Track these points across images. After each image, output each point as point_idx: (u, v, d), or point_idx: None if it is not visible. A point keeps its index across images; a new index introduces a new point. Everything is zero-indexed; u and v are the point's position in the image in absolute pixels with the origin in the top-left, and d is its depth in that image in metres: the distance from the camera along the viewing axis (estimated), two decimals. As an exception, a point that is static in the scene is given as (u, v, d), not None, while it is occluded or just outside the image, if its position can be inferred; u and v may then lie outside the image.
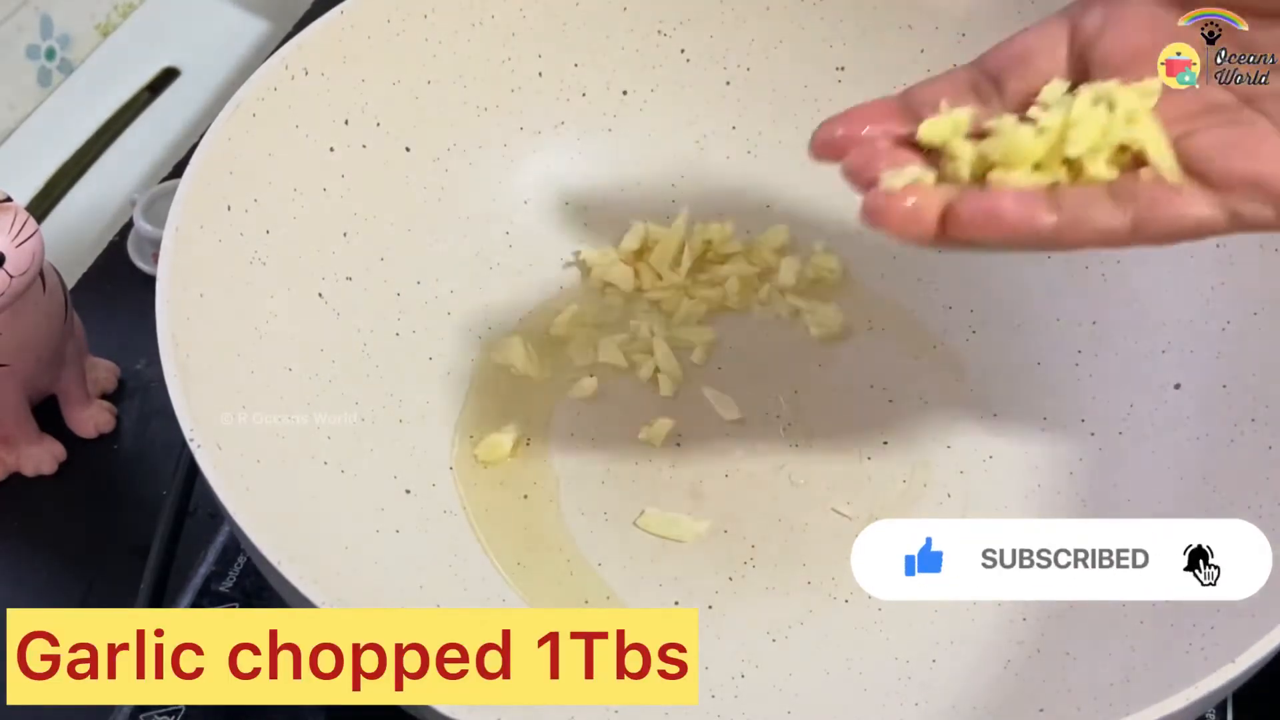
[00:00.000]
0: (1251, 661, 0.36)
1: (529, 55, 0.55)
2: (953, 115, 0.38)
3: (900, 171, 0.37)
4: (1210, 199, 0.36)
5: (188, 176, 0.45)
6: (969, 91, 0.40)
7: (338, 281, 0.50)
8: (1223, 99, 0.37)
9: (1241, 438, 0.47)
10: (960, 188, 0.37)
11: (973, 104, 0.39)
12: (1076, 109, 0.36)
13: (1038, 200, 0.36)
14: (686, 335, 0.54)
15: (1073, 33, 0.39)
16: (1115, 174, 0.36)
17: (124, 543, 0.55)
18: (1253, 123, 0.36)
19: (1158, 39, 0.38)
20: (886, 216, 0.36)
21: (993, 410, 0.52)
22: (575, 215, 0.56)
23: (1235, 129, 0.36)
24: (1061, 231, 0.36)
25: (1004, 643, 0.45)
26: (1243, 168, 0.35)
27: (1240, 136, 0.36)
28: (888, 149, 0.38)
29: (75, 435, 0.58)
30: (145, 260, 0.64)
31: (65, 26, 0.73)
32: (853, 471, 0.50)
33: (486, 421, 0.51)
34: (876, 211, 0.36)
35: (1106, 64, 0.38)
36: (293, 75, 0.49)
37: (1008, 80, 0.39)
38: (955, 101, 0.39)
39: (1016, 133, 0.37)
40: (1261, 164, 0.35)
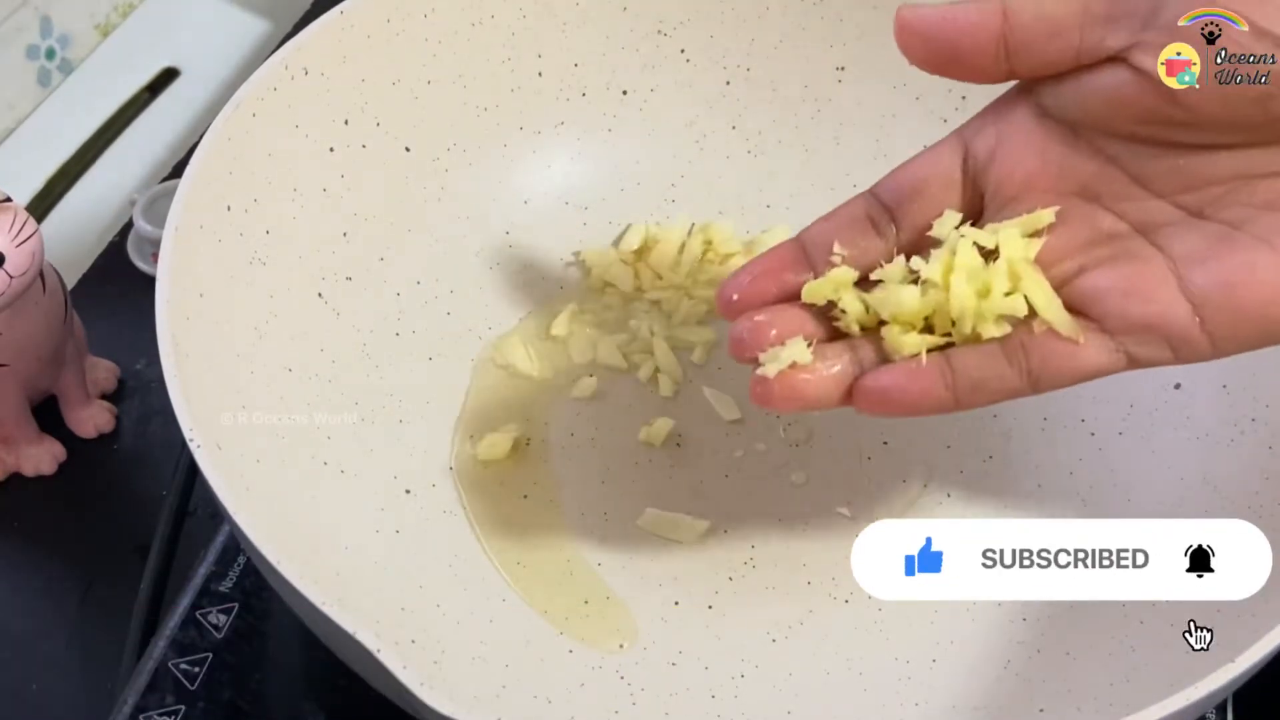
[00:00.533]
0: (1251, 661, 0.36)
1: (529, 55, 0.55)
2: (834, 276, 0.38)
3: (778, 353, 0.37)
4: (1105, 344, 0.36)
5: (187, 176, 0.45)
6: (865, 225, 0.39)
7: (338, 281, 0.51)
8: (1115, 227, 0.37)
9: (1241, 438, 0.47)
10: (853, 342, 0.38)
11: (868, 240, 0.39)
12: (959, 261, 0.37)
13: (931, 373, 0.37)
14: (686, 335, 0.54)
15: (965, 159, 0.39)
16: (1006, 329, 0.36)
17: (124, 543, 0.55)
18: (1147, 259, 0.36)
19: (1048, 164, 0.38)
20: (769, 400, 0.38)
21: (993, 410, 0.52)
22: (575, 215, 0.56)
23: (1129, 266, 0.36)
24: (960, 399, 0.37)
25: (1004, 643, 0.45)
26: (1139, 313, 0.35)
27: (1135, 278, 0.35)
28: (777, 314, 0.39)
29: (75, 435, 0.58)
30: (145, 260, 0.64)
31: (65, 26, 0.73)
32: (853, 471, 0.50)
33: (486, 421, 0.51)
34: (759, 396, 0.38)
35: (999, 193, 0.38)
36: (293, 75, 0.49)
37: (902, 213, 0.39)
38: (849, 241, 0.39)
39: (901, 293, 0.37)
40: (1157, 307, 0.35)
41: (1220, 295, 0.34)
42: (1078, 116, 0.37)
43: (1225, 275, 0.34)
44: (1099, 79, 0.36)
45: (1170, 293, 0.35)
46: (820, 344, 0.38)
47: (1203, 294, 0.34)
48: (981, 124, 0.39)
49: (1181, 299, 0.35)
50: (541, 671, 0.45)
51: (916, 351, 0.37)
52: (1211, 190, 0.36)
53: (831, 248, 0.39)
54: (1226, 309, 0.34)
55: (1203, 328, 0.35)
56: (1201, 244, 0.35)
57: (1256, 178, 0.35)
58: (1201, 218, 0.36)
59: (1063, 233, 0.37)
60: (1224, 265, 0.34)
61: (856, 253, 0.39)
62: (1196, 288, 0.35)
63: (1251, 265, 0.34)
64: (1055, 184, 0.37)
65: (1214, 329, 0.35)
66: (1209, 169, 0.35)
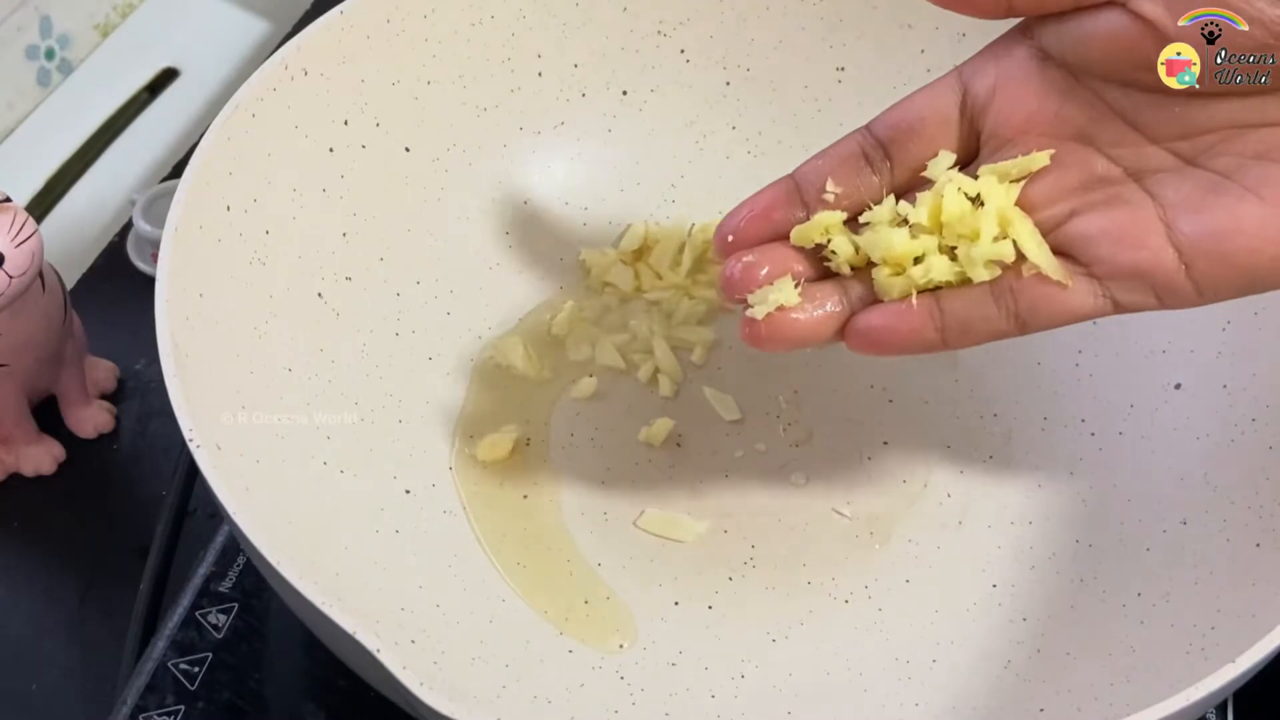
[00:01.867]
0: (1251, 662, 0.36)
1: (529, 55, 0.55)
2: (821, 219, 0.39)
3: (766, 294, 0.38)
4: (1093, 289, 0.36)
5: (187, 176, 0.45)
6: (859, 162, 0.40)
7: (338, 281, 0.50)
8: (1109, 172, 0.37)
9: (1241, 438, 0.47)
10: (844, 281, 0.39)
11: (862, 177, 0.40)
12: (946, 204, 0.37)
13: (920, 314, 0.38)
14: (686, 335, 0.54)
15: (964, 99, 0.39)
16: (996, 272, 0.37)
17: (124, 543, 0.55)
18: (1138, 205, 0.36)
19: (1045, 107, 0.38)
20: (757, 340, 0.39)
21: (993, 410, 0.52)
22: (575, 215, 0.56)
23: (1120, 212, 0.36)
24: (949, 339, 0.38)
25: (1004, 643, 0.45)
26: (1127, 259, 0.36)
27: (1125, 224, 0.36)
28: (767, 254, 0.40)
29: (75, 435, 0.58)
30: (145, 260, 0.64)
31: (65, 26, 0.73)
32: (852, 471, 0.50)
33: (486, 421, 0.51)
34: (748, 336, 0.39)
35: (996, 134, 0.38)
36: (292, 75, 0.49)
37: (897, 151, 0.40)
38: (842, 179, 0.40)
39: (890, 235, 0.38)
40: (1145, 254, 0.35)
41: (1207, 244, 0.35)
42: (1076, 60, 0.37)
43: (1213, 225, 0.35)
44: (1098, 21, 0.36)
45: (1158, 240, 0.35)
46: (809, 284, 0.39)
47: (1190, 243, 0.35)
48: (981, 64, 0.39)
49: (1169, 247, 0.35)
50: (541, 671, 0.45)
51: (906, 294, 0.38)
52: (1206, 138, 0.36)
53: (824, 186, 0.40)
54: (1212, 258, 0.35)
55: (1188, 275, 0.35)
56: (1192, 192, 0.35)
57: (1250, 127, 0.35)
58: (1194, 165, 0.36)
59: (1057, 175, 0.37)
60: (1212, 215, 0.35)
61: (849, 190, 0.40)
62: (1184, 236, 0.35)
63: (1239, 216, 0.35)
64: (1052, 127, 0.38)
65: (1199, 277, 0.35)
66: (1204, 117, 0.36)
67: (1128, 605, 0.44)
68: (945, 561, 0.48)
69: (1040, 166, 0.37)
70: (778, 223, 0.40)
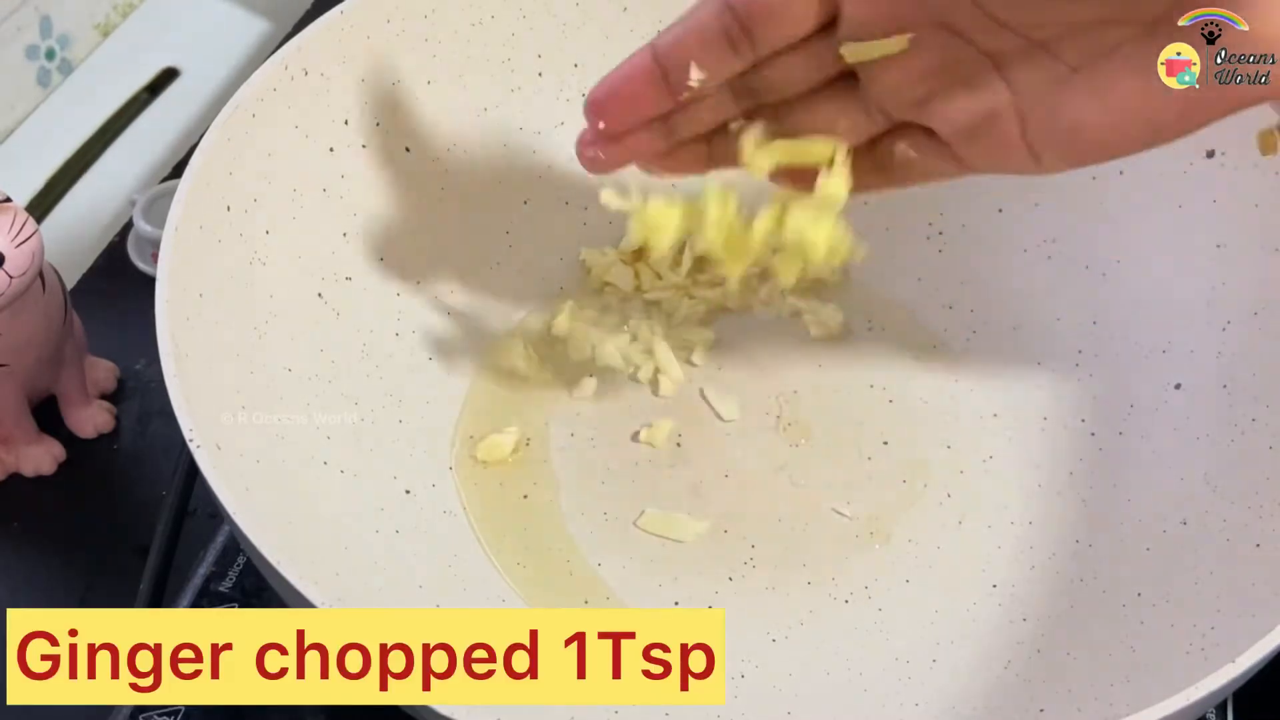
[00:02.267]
0: (1251, 661, 0.36)
1: (529, 55, 0.55)
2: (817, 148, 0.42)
3: (614, 194, 0.43)
4: (947, 166, 0.41)
5: (187, 177, 0.45)
6: (721, 43, 0.40)
7: (338, 281, 0.50)
8: (966, 55, 0.38)
9: (1241, 438, 0.47)
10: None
11: (725, 61, 0.40)
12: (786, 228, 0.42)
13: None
14: (686, 335, 0.54)
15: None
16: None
17: (124, 543, 0.55)
18: (995, 91, 0.38)
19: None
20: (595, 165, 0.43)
21: (993, 410, 0.52)
22: (575, 215, 0.56)
23: (975, 98, 0.38)
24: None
25: (1004, 643, 0.45)
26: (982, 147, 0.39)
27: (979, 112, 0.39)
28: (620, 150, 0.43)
29: (75, 435, 0.58)
30: (145, 260, 0.64)
31: (65, 26, 0.73)
32: (853, 471, 0.50)
33: (486, 421, 0.51)
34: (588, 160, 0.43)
35: (855, 15, 0.39)
36: (293, 75, 0.49)
37: (759, 31, 0.40)
38: (705, 62, 0.40)
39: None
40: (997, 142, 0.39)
41: (1055, 139, 0.38)
42: None
43: (1060, 124, 0.37)
44: None
45: (1012, 130, 0.38)
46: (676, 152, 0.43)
47: (1038, 137, 0.38)
48: None
49: (1020, 138, 0.38)
50: (541, 671, 0.44)
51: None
52: (1059, 30, 0.37)
53: (689, 68, 0.40)
54: (1057, 152, 0.38)
55: (1032, 155, 0.39)
56: (1041, 85, 0.37)
57: (1109, 24, 0.36)
58: (1048, 51, 0.37)
59: (916, 57, 0.38)
60: (1061, 114, 0.37)
61: (714, 75, 0.40)
62: (1033, 130, 0.38)
63: (1082, 118, 0.37)
64: (911, 10, 0.38)
65: (1045, 162, 0.39)
66: (1061, 10, 0.36)
67: (1128, 605, 0.44)
68: (945, 561, 0.48)
69: (899, 50, 0.38)
70: (643, 109, 0.42)
